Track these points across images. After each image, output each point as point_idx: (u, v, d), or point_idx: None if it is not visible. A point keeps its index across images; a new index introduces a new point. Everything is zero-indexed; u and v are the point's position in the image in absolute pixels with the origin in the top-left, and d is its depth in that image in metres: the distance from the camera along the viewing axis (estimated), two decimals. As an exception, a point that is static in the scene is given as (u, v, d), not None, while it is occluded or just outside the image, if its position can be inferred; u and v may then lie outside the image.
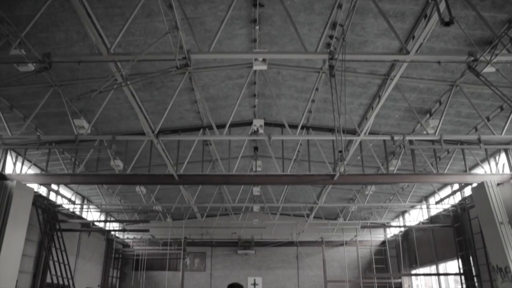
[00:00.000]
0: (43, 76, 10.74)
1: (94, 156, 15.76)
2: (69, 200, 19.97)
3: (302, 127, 14.68)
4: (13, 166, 15.35)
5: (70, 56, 9.45)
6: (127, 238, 27.31)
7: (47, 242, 16.80)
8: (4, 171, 14.65)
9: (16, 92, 11.75)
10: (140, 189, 19.21)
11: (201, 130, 15.41)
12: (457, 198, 18.69)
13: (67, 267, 17.56)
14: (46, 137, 13.18)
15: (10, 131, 12.49)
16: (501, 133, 12.43)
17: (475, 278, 16.95)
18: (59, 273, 16.89)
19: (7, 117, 12.39)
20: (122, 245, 27.41)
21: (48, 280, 16.91)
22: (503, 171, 15.04)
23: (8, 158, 15.12)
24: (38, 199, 16.54)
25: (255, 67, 9.37)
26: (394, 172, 15.59)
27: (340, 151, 13.44)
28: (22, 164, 15.75)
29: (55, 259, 17.00)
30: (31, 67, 8.50)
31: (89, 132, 12.65)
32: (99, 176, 15.82)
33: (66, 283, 17.26)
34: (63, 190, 19.77)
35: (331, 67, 8.09)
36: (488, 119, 12.92)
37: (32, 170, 15.91)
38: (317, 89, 12.67)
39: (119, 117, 14.07)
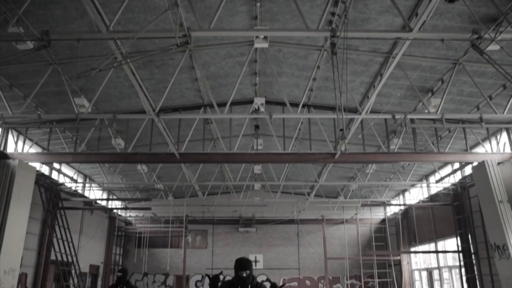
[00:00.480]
0: (42, 54, 10.65)
1: (95, 135, 15.77)
2: (71, 178, 20.10)
3: (303, 106, 14.62)
4: (14, 145, 15.38)
5: (68, 34, 9.33)
6: (129, 216, 27.60)
7: (50, 220, 16.99)
8: (6, 150, 14.70)
9: (15, 70, 11.69)
10: (142, 168, 19.30)
11: (202, 108, 15.37)
12: (457, 177, 18.76)
13: (70, 244, 17.81)
14: (46, 116, 13.16)
15: (10, 110, 12.47)
16: (503, 112, 12.39)
17: (473, 256, 17.17)
18: (62, 250, 17.15)
19: (7, 96, 12.36)
20: (125, 223, 27.73)
21: (52, 257, 17.19)
22: (504, 150, 15.06)
23: (10, 137, 15.15)
24: (40, 177, 16.64)
25: (256, 45, 9.27)
26: (395, 151, 15.60)
27: (341, 130, 13.48)
28: (24, 143, 15.80)
29: (59, 236, 17.23)
30: (29, 45, 8.41)
31: (89, 111, 12.64)
32: (101, 154, 15.88)
33: (70, 260, 17.53)
34: (65, 168, 19.87)
35: (333, 44, 8.00)
36: (491, 98, 12.85)
37: (34, 149, 15.96)
38: (318, 67, 12.58)
39: (120, 95, 14.02)
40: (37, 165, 16.21)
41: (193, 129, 15.07)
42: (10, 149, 15.05)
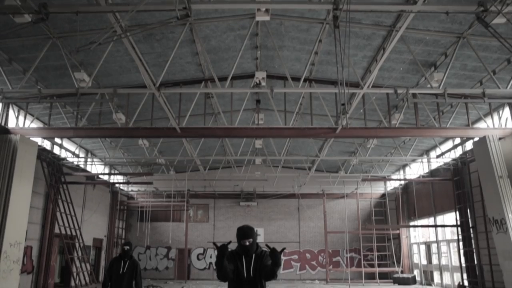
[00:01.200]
0: (41, 27, 10.49)
1: (96, 110, 15.74)
2: (73, 153, 20.18)
3: (305, 80, 14.51)
4: (15, 120, 15.37)
5: (67, 6, 9.16)
6: (132, 191, 27.86)
7: (54, 194, 17.15)
8: (7, 125, 14.71)
9: (14, 44, 11.55)
10: (143, 142, 19.35)
11: (203, 82, 15.27)
12: (458, 152, 18.79)
13: (74, 218, 18.04)
14: (47, 90, 13.10)
15: (10, 85, 12.40)
16: (506, 87, 12.29)
17: (471, 230, 17.39)
18: (66, 224, 17.38)
19: (6, 71, 12.27)
20: (127, 197, 28.00)
21: (56, 230, 17.44)
22: (505, 125, 15.02)
23: (11, 112, 15.13)
24: (42, 152, 16.71)
25: (257, 18, 9.13)
26: (396, 125, 15.58)
27: (343, 104, 13.42)
28: (25, 118, 15.78)
29: (62, 210, 17.43)
30: (27, 18, 8.28)
31: (90, 86, 12.55)
32: (102, 129, 15.87)
33: (73, 233, 17.78)
34: (66, 143, 19.92)
35: (335, 17, 7.86)
36: (494, 73, 12.72)
37: (35, 124, 15.97)
38: (320, 40, 12.40)
39: (120, 70, 13.91)
40: (38, 140, 16.24)
41: (194, 104, 15.00)
42: (11, 124, 15.06)
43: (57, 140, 18.92)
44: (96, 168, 23.18)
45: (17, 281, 13.97)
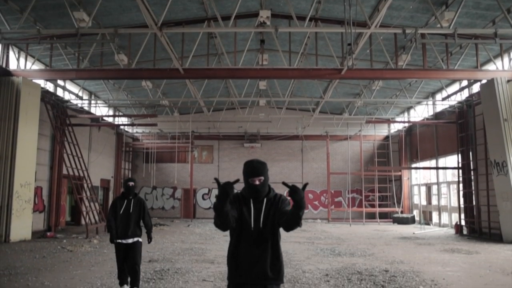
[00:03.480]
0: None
1: (98, 51, 15.48)
2: (77, 95, 20.12)
3: (310, 19, 14.05)
4: (16, 62, 15.19)
5: None
6: (136, 132, 28.08)
7: (59, 136, 17.32)
8: (9, 67, 14.56)
9: (9, -19, 11.14)
10: (146, 84, 19.22)
11: (206, 22, 14.85)
12: (465, 94, 18.57)
13: (80, 160, 18.33)
14: (46, 31, 12.81)
15: (8, 25, 12.11)
16: (519, 27, 11.88)
17: (472, 172, 17.61)
18: (74, 165, 17.70)
19: (2, 10, 11.94)
20: (132, 139, 28.28)
21: (64, 171, 17.81)
22: (515, 67, 14.71)
23: (11, 54, 14.90)
24: (46, 95, 16.66)
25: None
26: (403, 67, 15.31)
27: (349, 44, 13.11)
28: (26, 60, 15.59)
29: (69, 152, 17.68)
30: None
31: (90, 26, 12.26)
32: (104, 71, 15.73)
33: (81, 174, 18.17)
34: (69, 85, 19.80)
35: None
36: (509, 11, 12.25)
37: (36, 66, 15.78)
38: (328, -23, 11.87)
39: (120, 9, 13.49)
40: (41, 82, 16.15)
41: (197, 44, 14.70)
42: (13, 66, 14.90)
43: (60, 82, 18.79)
44: (100, 110, 23.21)
45: (30, 219, 14.53)
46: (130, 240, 6.18)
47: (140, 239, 6.33)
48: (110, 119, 24.34)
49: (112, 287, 6.79)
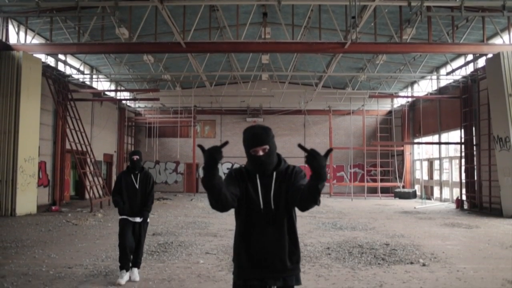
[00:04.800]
0: None
1: (98, 25, 15.27)
2: (78, 70, 19.99)
3: (314, -8, 13.77)
4: (16, 36, 15.03)
5: None
6: (139, 107, 28.03)
7: (62, 111, 17.31)
8: (8, 41, 14.42)
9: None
10: (148, 58, 19.05)
11: (207, -5, 14.57)
12: (469, 69, 18.36)
13: (83, 134, 18.38)
14: (45, 3, 12.62)
15: (7, -3, 11.93)
16: (527, -1, 11.63)
17: (474, 147, 17.59)
18: (76, 140, 17.76)
19: (1, -18, 11.72)
20: (134, 113, 28.25)
21: (68, 146, 17.88)
22: (522, 41, 14.48)
23: (10, 28, 14.73)
24: (47, 69, 16.57)
25: None
26: (408, 41, 15.09)
27: (353, 18, 12.88)
28: (26, 34, 15.42)
29: (72, 127, 17.71)
30: None
31: (89, -2, 12.06)
32: (105, 45, 15.58)
33: (84, 149, 18.25)
34: (70, 60, 19.66)
35: None
36: (517, -17, 11.98)
37: (37, 40, 15.63)
38: None
39: (120, -19, 13.23)
40: (42, 57, 16.02)
41: (199, 17, 14.47)
42: (13, 40, 14.76)
43: (61, 56, 18.64)
44: (102, 85, 23.11)
45: (35, 194, 14.71)
46: (137, 219, 5.75)
47: (147, 220, 5.95)
48: (112, 94, 24.26)
49: (117, 259, 6.92)
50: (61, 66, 18.67)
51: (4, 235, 9.58)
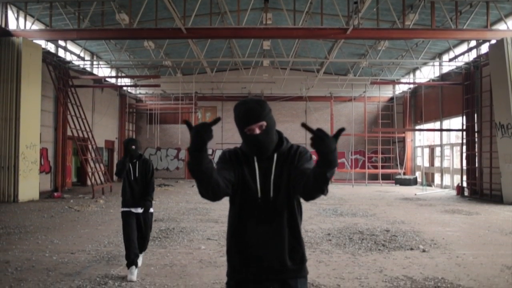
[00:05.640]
0: None
1: (98, 10, 15.15)
2: (78, 56, 19.89)
3: (316, -23, 13.62)
4: (16, 22, 14.92)
5: None
6: (140, 94, 27.96)
7: (63, 98, 17.27)
8: (8, 27, 14.33)
9: None
10: (148, 44, 18.92)
11: (208, -21, 14.43)
12: (472, 55, 18.22)
13: (84, 121, 18.37)
14: (45, -12, 12.50)
15: (6, -18, 11.82)
16: (532, -16, 11.48)
17: (476, 134, 17.56)
18: (78, 127, 17.76)
19: (0, -34, 11.60)
20: (135, 100, 28.20)
21: (69, 133, 17.88)
22: (526, 26, 14.34)
23: (10, 14, 14.62)
24: (47, 56, 16.48)
25: None
26: (410, 27, 14.95)
27: (355, 3, 12.77)
28: (25, 19, 15.31)
29: (73, 114, 17.69)
30: None
31: (89, -17, 11.94)
32: (105, 30, 15.48)
33: (85, 135, 18.26)
34: (71, 46, 19.54)
35: None
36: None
37: (36, 26, 15.52)
38: None
39: (119, -35, 13.09)
40: (42, 43, 15.93)
41: (200, 3, 14.34)
42: (12, 26, 14.66)
43: (61, 42, 18.53)
44: (103, 71, 23.02)
45: (37, 180, 14.78)
46: (140, 210, 5.42)
47: (151, 209, 5.59)
48: (112, 80, 24.18)
49: (119, 245, 6.99)
50: (61, 53, 18.57)
51: (7, 221, 9.66)
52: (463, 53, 18.35)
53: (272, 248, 2.15)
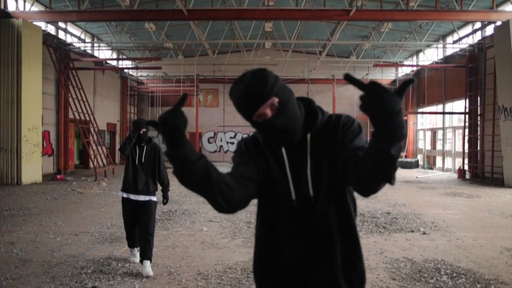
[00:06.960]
0: None
1: (98, -9, 14.99)
2: (79, 38, 19.75)
3: (319, -43, 13.40)
4: (15, 3, 14.77)
5: None
6: (141, 76, 27.84)
7: (64, 80, 17.22)
8: (7, 9, 14.20)
9: None
10: (149, 26, 18.76)
11: (209, -40, 14.21)
12: (477, 37, 18.02)
13: (86, 104, 18.35)
14: (44, -31, 12.34)
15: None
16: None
17: (478, 117, 17.49)
18: (79, 110, 17.75)
19: None
20: (137, 82, 28.10)
21: (71, 116, 17.89)
22: (531, 7, 14.14)
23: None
24: (47, 38, 16.38)
25: None
26: (414, 8, 14.76)
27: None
28: (24, 1, 15.15)
29: (74, 96, 17.66)
30: None
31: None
32: (106, 12, 15.33)
33: (87, 118, 18.26)
34: (71, 28, 19.40)
35: None
36: None
37: (36, 8, 15.38)
38: None
39: None
40: (42, 25, 15.80)
41: (201, -16, 14.18)
42: (11, 7, 14.52)
43: (61, 24, 18.38)
44: (104, 53, 22.88)
45: (40, 163, 14.86)
46: (141, 198, 4.91)
47: (154, 198, 5.04)
48: (114, 63, 24.05)
49: (122, 227, 7.04)
50: (61, 35, 18.44)
51: (11, 203, 9.75)
52: (467, 35, 18.15)
53: (319, 269, 1.53)
